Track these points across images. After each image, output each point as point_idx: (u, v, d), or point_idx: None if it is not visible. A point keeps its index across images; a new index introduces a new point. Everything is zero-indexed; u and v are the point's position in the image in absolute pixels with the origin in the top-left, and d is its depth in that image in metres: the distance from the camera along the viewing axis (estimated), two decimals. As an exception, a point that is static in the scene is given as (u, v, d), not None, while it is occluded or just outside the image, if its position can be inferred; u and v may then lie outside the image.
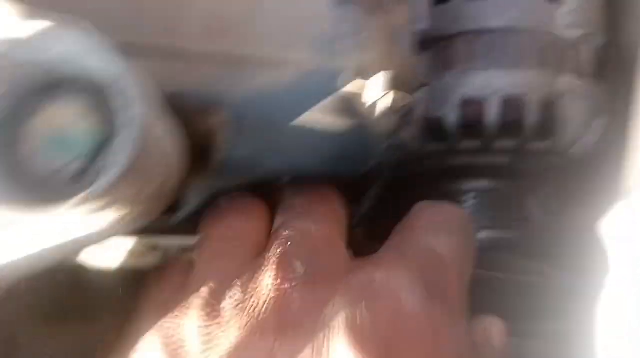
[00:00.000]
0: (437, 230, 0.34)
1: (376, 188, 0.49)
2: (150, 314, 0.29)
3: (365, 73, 0.32)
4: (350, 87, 0.32)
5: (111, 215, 0.24)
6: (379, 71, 0.32)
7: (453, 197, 0.57)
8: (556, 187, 0.58)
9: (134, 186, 0.23)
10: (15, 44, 0.21)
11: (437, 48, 0.50)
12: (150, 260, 0.90)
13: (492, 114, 0.49)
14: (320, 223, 0.31)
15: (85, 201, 0.20)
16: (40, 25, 0.20)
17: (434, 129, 0.52)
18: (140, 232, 0.32)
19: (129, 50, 0.28)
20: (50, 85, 0.24)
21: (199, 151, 0.33)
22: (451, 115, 0.50)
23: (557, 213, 0.58)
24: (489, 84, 0.49)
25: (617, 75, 0.51)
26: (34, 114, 0.23)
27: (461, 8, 0.49)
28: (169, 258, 0.39)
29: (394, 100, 0.33)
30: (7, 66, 0.21)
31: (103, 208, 0.23)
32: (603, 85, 0.52)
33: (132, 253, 0.86)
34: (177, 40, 0.28)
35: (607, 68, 0.52)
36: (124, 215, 0.25)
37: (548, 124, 0.51)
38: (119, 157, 0.21)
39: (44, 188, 0.24)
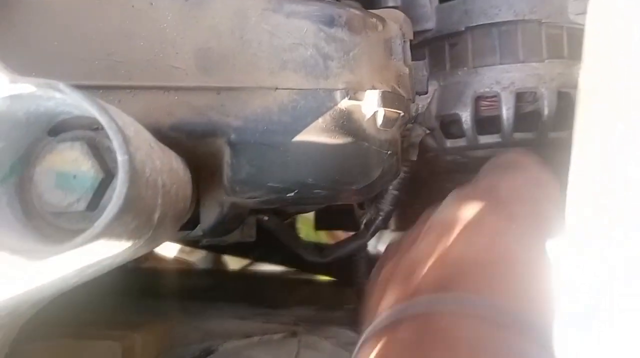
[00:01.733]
0: None
1: (392, 190, 0.50)
2: None
3: (358, 90, 0.33)
4: (345, 105, 0.33)
5: (120, 245, 0.26)
6: (372, 87, 0.33)
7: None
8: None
9: (134, 220, 0.25)
10: (12, 101, 0.23)
11: (443, 45, 0.50)
12: (197, 256, 0.95)
13: (507, 108, 0.49)
14: None
15: (88, 240, 0.22)
16: (27, 87, 0.22)
17: (450, 126, 0.53)
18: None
19: (129, 91, 0.31)
20: (58, 127, 0.27)
21: (207, 173, 0.35)
22: (466, 112, 0.50)
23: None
24: (502, 78, 0.49)
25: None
26: (43, 158, 0.26)
27: (469, 3, 0.49)
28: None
29: (389, 114, 0.34)
30: (6, 121, 0.24)
31: (110, 242, 0.25)
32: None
33: (182, 250, 0.90)
34: (172, 78, 0.30)
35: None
36: (132, 243, 0.27)
37: (565, 113, 0.50)
38: (115, 196, 0.23)
39: (56, 226, 0.26)
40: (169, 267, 0.57)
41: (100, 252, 0.25)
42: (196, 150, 0.33)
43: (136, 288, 0.51)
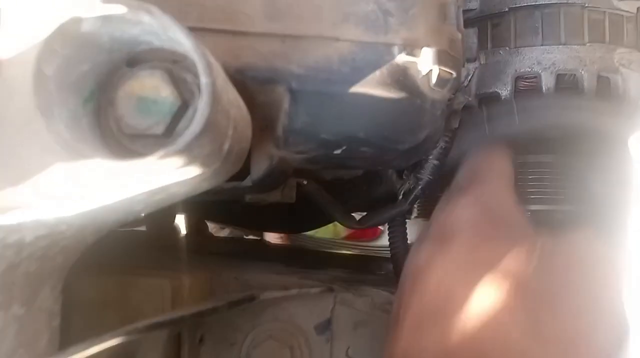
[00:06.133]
0: None
1: (433, 159, 0.51)
2: None
3: (415, 47, 0.34)
4: (402, 60, 0.34)
5: (192, 170, 0.28)
6: (427, 46, 0.34)
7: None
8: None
9: (209, 145, 0.26)
10: (102, 23, 0.25)
11: (486, 25, 0.51)
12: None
13: (547, 88, 0.50)
14: None
15: (169, 156, 0.24)
16: (120, 7, 0.24)
17: (489, 105, 0.54)
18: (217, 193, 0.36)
19: (200, 32, 0.32)
20: (136, 58, 0.29)
21: (261, 124, 0.36)
22: (505, 90, 0.51)
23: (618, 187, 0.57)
24: (543, 59, 0.50)
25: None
26: (124, 83, 0.27)
27: (513, -16, 0.51)
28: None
29: (443, 73, 0.35)
30: (92, 45, 0.26)
31: (185, 164, 0.26)
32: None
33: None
34: (239, 23, 0.32)
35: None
36: (202, 171, 0.29)
37: (603, 97, 0.51)
38: (195, 118, 0.24)
39: (132, 150, 0.28)
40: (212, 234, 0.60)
41: (174, 174, 0.26)
42: (255, 98, 0.34)
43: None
